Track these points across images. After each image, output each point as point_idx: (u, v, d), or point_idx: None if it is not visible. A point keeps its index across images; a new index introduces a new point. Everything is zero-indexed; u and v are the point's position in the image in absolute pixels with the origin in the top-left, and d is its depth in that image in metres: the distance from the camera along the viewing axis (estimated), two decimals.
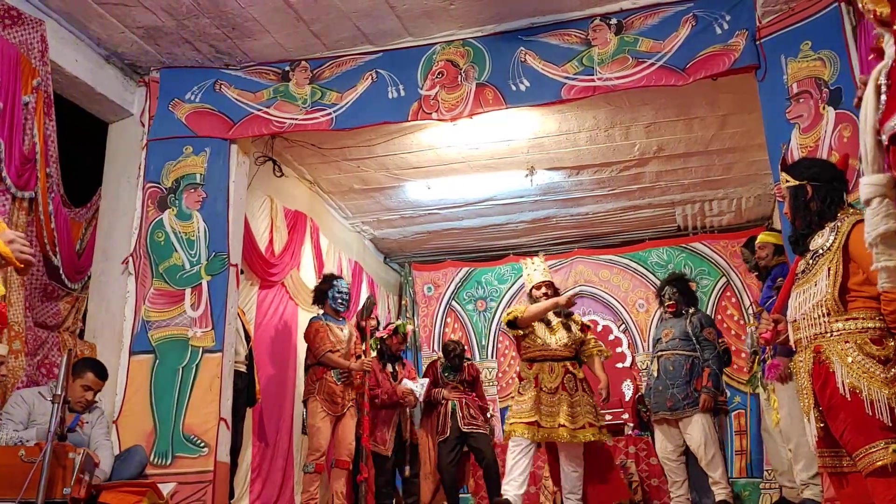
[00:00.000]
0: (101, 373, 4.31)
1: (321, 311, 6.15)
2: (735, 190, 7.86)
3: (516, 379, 5.51)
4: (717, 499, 5.21)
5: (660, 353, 5.61)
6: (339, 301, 6.06)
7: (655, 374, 5.59)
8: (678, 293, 5.73)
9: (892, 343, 2.73)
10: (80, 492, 3.36)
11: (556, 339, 5.26)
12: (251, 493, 6.03)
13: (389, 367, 6.47)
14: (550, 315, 5.29)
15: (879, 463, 2.62)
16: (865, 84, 2.61)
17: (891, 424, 2.62)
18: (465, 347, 7.06)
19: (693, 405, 5.30)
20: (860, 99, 2.65)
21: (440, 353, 7.09)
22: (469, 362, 6.80)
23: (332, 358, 5.76)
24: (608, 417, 7.00)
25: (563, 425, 4.94)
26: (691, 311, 5.67)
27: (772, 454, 5.45)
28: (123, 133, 5.65)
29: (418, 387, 6.29)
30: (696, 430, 5.26)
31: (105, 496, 3.76)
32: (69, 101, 5.34)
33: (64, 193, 5.03)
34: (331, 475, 5.88)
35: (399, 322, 6.95)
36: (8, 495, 3.02)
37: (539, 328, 5.29)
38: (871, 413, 2.64)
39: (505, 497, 4.94)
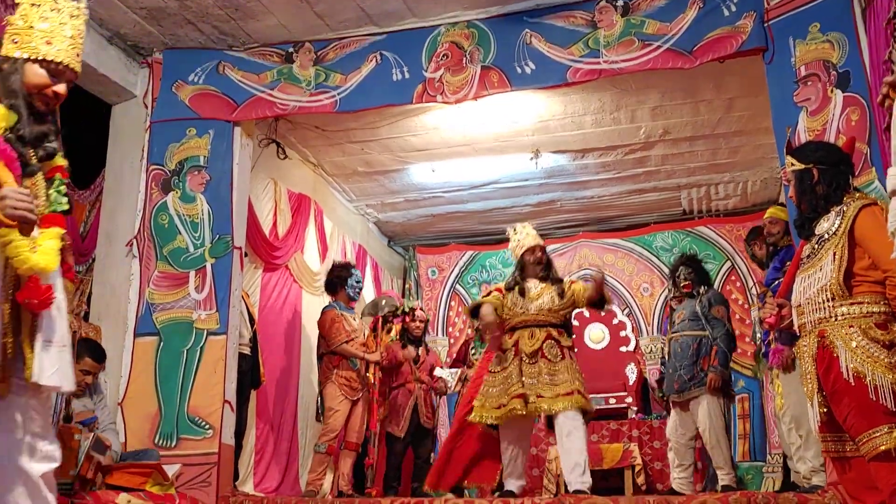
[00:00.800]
0: (99, 356, 4.33)
1: (333, 299, 6.16)
2: (741, 174, 7.82)
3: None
4: (721, 483, 5.21)
5: (671, 336, 5.58)
6: (357, 290, 6.18)
7: (667, 357, 5.56)
8: (693, 273, 5.66)
9: None
10: (89, 472, 3.38)
11: (535, 305, 4.85)
12: (255, 474, 6.06)
13: (412, 350, 6.45)
14: (531, 282, 4.92)
15: (882, 447, 2.62)
16: (890, 84, 2.58)
17: (894, 409, 2.62)
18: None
19: (699, 385, 5.22)
20: (885, 97, 2.62)
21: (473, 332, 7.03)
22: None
23: (347, 349, 5.83)
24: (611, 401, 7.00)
25: (540, 394, 4.58)
26: (702, 290, 5.60)
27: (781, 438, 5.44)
28: (127, 115, 5.64)
29: (448, 374, 6.30)
30: (702, 413, 5.23)
31: (112, 477, 3.79)
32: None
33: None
34: (339, 456, 5.92)
35: (405, 301, 6.97)
36: None
37: (511, 299, 4.92)
38: (874, 398, 2.64)
39: (507, 489, 4.82)
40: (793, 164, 3.10)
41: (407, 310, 6.57)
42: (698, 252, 8.47)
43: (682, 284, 5.66)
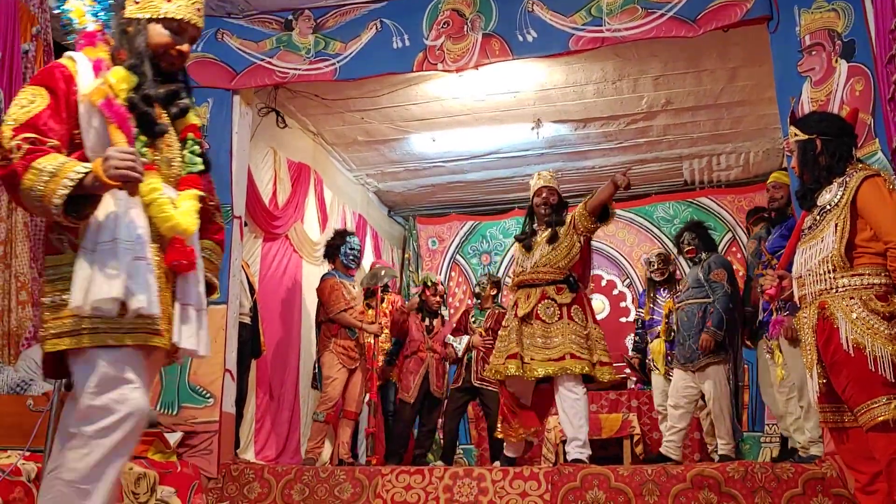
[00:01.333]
0: None
1: (331, 267, 6.17)
2: (743, 144, 7.78)
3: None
4: (720, 453, 5.25)
5: (678, 306, 5.55)
6: (351, 258, 6.12)
7: (675, 327, 5.53)
8: (697, 238, 5.62)
9: None
10: None
11: (532, 260, 4.72)
12: (256, 443, 6.11)
13: (427, 321, 6.46)
14: (540, 232, 4.78)
15: (881, 418, 2.64)
16: None
17: (893, 380, 2.63)
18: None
19: (708, 354, 5.23)
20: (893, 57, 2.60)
21: (473, 300, 7.02)
22: (500, 310, 6.36)
23: (345, 318, 5.84)
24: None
25: (532, 357, 4.53)
26: (704, 256, 5.57)
27: (772, 406, 5.47)
28: None
29: (458, 342, 6.30)
30: (708, 384, 5.25)
31: None
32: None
33: None
34: (339, 425, 5.96)
35: (426, 273, 6.96)
36: (17, 443, 3.05)
37: (518, 251, 4.86)
38: (873, 369, 2.66)
39: (506, 454, 4.86)
40: (796, 135, 3.08)
41: (429, 283, 6.57)
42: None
43: (685, 249, 5.62)
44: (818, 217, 2.94)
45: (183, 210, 2.20)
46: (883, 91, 3.80)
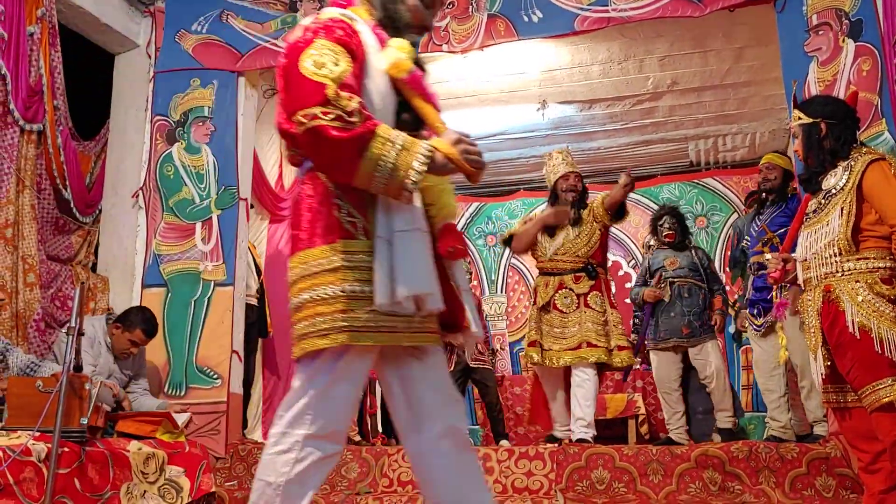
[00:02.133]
0: (151, 332, 4.38)
1: None
2: (749, 125, 7.74)
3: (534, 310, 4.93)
4: (722, 426, 5.25)
5: (672, 280, 5.52)
6: None
7: (667, 300, 5.48)
8: (678, 224, 5.64)
9: None
10: (98, 420, 3.44)
11: (554, 245, 4.78)
12: (264, 423, 6.15)
13: None
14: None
15: (885, 399, 2.67)
16: None
17: None
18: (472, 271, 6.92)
19: (709, 331, 5.28)
20: None
21: None
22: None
23: None
24: None
25: (550, 346, 4.66)
26: (689, 242, 5.59)
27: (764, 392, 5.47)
28: (130, 65, 5.59)
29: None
30: (714, 356, 5.24)
31: (122, 425, 3.85)
32: (74, 31, 5.27)
33: (72, 126, 5.01)
34: None
35: None
36: (27, 424, 3.09)
37: (540, 238, 4.86)
38: (879, 351, 2.68)
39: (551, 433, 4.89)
40: (800, 119, 3.07)
41: None
42: (705, 204, 8.49)
43: (665, 233, 5.56)
44: (823, 201, 2.94)
45: (448, 191, 2.09)
46: (890, 71, 3.78)
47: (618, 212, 4.79)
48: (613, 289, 5.23)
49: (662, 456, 4.21)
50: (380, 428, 6.29)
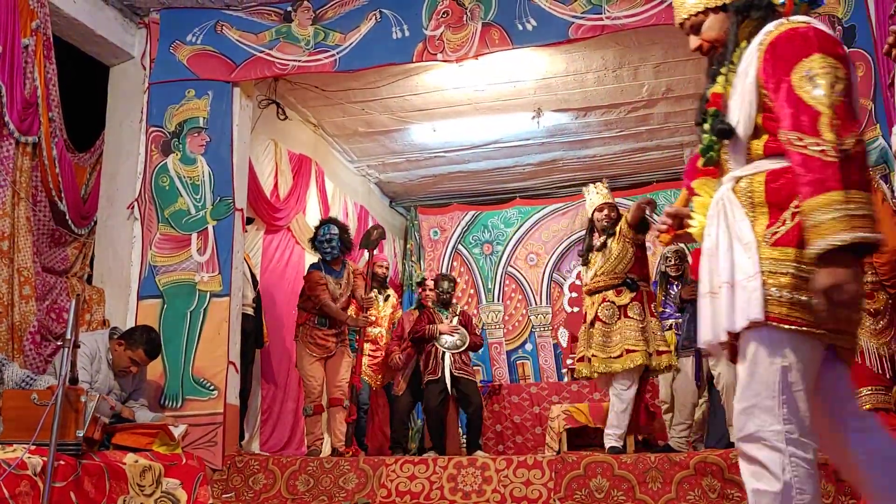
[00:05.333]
0: (153, 353, 4.37)
1: (320, 259, 6.10)
2: None
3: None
4: (734, 440, 5.21)
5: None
6: (327, 249, 5.76)
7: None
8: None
9: (883, 296, 2.77)
10: (95, 433, 3.42)
11: (593, 270, 5.15)
12: (261, 434, 6.13)
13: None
14: (596, 243, 5.19)
15: (866, 406, 2.68)
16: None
17: (878, 372, 2.68)
18: (456, 281, 6.90)
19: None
20: (891, 47, 2.59)
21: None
22: (462, 310, 6.51)
23: (331, 309, 5.60)
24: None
25: (595, 355, 4.95)
26: None
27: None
28: (125, 76, 5.59)
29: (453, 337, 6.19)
30: (726, 368, 5.22)
31: (118, 438, 3.83)
32: (69, 43, 5.27)
33: (67, 138, 5.01)
34: (330, 414, 5.80)
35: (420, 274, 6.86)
36: (22, 437, 3.07)
37: (582, 271, 5.39)
38: (860, 361, 2.71)
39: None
40: None
41: (420, 280, 6.53)
42: None
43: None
44: None
45: None
46: (883, 77, 3.80)
47: (640, 225, 5.07)
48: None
49: (661, 464, 4.20)
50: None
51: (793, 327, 1.79)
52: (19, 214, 4.45)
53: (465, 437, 6.50)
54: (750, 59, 1.95)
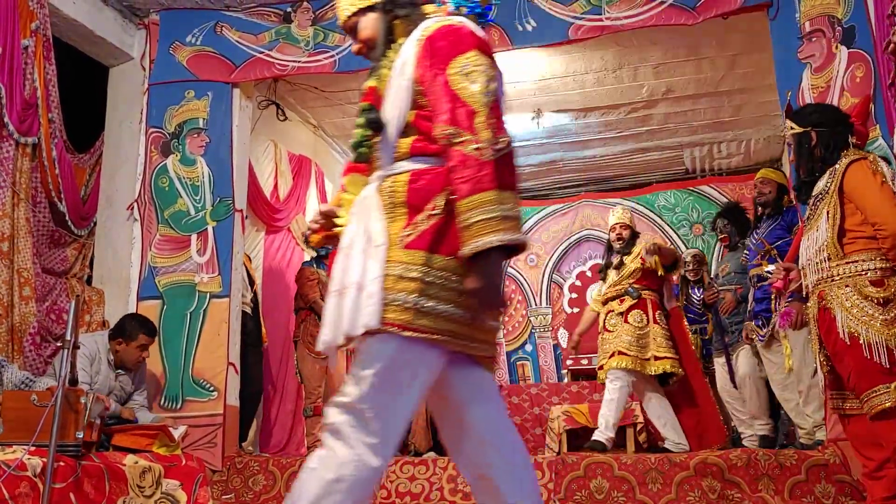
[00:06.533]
0: (152, 331, 4.41)
1: (314, 255, 6.12)
2: (744, 132, 7.76)
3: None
4: (758, 433, 5.21)
5: (734, 287, 5.42)
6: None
7: (737, 304, 5.39)
8: (730, 224, 5.61)
9: (894, 283, 2.71)
10: (93, 435, 3.42)
11: (606, 285, 5.42)
12: (260, 435, 6.12)
13: None
14: (613, 261, 5.42)
15: (880, 407, 2.64)
16: None
17: (888, 367, 2.62)
18: None
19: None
20: (890, 43, 2.59)
21: None
22: None
23: (319, 305, 5.61)
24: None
25: (602, 366, 5.23)
26: (741, 243, 5.54)
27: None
28: (124, 77, 5.59)
29: None
30: (743, 362, 5.24)
31: (118, 439, 3.83)
32: (69, 44, 5.27)
33: (67, 139, 5.01)
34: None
35: None
36: (22, 438, 3.07)
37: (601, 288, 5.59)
38: (869, 357, 2.65)
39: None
40: (792, 128, 3.08)
41: None
42: (701, 211, 8.49)
43: (719, 237, 5.81)
44: (812, 207, 2.94)
45: None
46: (883, 77, 3.79)
47: (670, 267, 5.34)
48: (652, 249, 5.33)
49: (661, 464, 4.20)
50: None
51: (414, 334, 1.72)
52: (19, 215, 4.45)
53: None
54: (406, 55, 1.90)
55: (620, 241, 5.40)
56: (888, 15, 3.64)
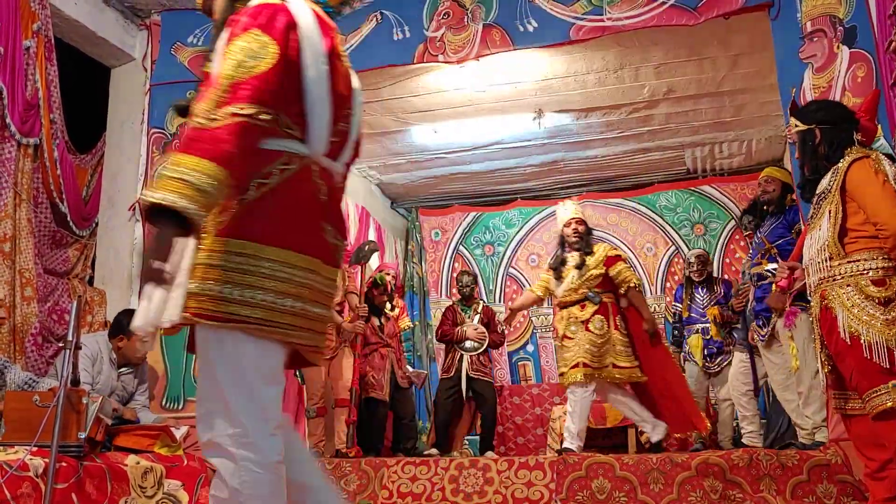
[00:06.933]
0: None
1: None
2: (745, 132, 7.75)
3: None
4: (747, 443, 5.26)
5: (756, 285, 5.43)
6: None
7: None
8: (755, 220, 5.60)
9: None
10: (97, 434, 3.42)
11: (564, 285, 5.24)
12: None
13: (376, 321, 6.18)
14: (570, 256, 5.26)
15: (881, 407, 2.63)
16: None
17: (889, 367, 2.61)
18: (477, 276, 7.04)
19: (738, 342, 5.28)
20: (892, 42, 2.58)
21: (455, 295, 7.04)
22: (484, 305, 6.75)
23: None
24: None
25: (563, 373, 5.12)
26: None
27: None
28: (126, 78, 5.60)
29: (476, 343, 6.31)
30: (733, 369, 5.29)
31: (120, 439, 3.83)
32: (70, 45, 5.28)
33: (68, 140, 5.01)
34: (334, 416, 5.82)
35: (378, 274, 6.68)
36: (24, 439, 3.07)
37: (551, 281, 5.36)
38: (870, 357, 2.64)
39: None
40: (796, 126, 3.07)
41: (379, 283, 6.29)
42: (702, 211, 8.49)
43: (745, 234, 5.79)
44: (815, 206, 2.93)
45: None
46: (885, 77, 3.79)
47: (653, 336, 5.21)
48: (636, 282, 5.32)
49: (663, 465, 4.20)
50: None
51: (224, 324, 1.68)
52: (21, 216, 4.46)
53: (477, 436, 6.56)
54: (225, 36, 1.87)
55: (577, 236, 5.28)
56: (890, 14, 3.64)
